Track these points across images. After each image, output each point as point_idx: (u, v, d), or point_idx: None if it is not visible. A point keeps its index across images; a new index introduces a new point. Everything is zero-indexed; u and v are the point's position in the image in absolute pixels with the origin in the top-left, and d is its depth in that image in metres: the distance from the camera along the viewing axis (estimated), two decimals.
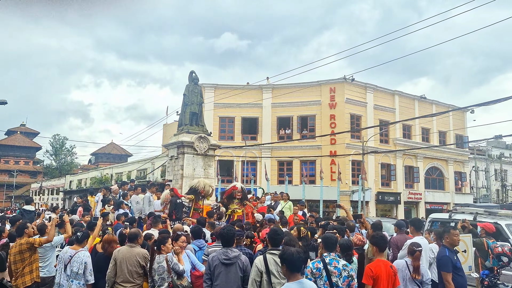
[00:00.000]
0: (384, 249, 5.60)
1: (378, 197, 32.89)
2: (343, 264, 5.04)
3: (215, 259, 5.37)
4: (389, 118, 33.75)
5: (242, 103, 33.12)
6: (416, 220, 7.71)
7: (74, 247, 6.38)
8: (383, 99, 34.62)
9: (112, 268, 5.92)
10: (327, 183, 28.87)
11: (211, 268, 5.34)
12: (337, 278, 4.89)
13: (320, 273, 4.92)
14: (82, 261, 6.16)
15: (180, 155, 15.33)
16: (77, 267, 6.11)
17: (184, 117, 16.28)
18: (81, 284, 6.14)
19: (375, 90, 34.28)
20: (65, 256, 6.32)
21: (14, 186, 68.87)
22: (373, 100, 33.80)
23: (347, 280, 4.94)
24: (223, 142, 29.03)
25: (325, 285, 4.89)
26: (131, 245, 6.09)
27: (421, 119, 32.46)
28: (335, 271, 4.93)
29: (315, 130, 32.52)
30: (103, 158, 73.04)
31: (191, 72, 16.66)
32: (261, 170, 30.84)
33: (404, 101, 35.57)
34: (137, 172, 39.82)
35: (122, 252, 6.00)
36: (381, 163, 33.88)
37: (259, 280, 5.01)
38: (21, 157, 78.59)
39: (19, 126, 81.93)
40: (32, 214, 10.88)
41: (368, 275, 5.23)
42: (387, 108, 34.49)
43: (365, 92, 33.61)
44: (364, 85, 33.62)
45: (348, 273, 4.97)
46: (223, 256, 5.34)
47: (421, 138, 36.55)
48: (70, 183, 55.38)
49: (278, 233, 5.53)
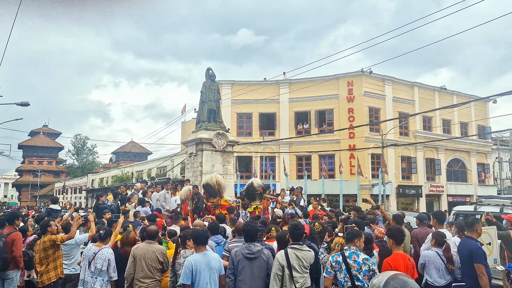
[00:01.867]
0: (401, 242, 5.56)
1: (399, 191, 32.51)
2: (364, 258, 5.03)
3: (238, 254, 5.40)
4: (408, 110, 33.27)
5: (259, 99, 33.11)
6: (439, 212, 7.59)
7: (97, 244, 6.50)
8: (402, 91, 34.12)
9: (131, 264, 6.00)
10: (347, 177, 28.68)
11: (234, 263, 5.36)
12: (356, 272, 4.90)
13: (339, 266, 4.95)
14: (106, 258, 6.26)
15: (198, 152, 15.43)
16: (100, 264, 6.22)
17: (202, 114, 16.36)
18: (105, 280, 6.25)
19: (394, 82, 33.82)
20: (89, 253, 6.44)
21: (39, 186, 70.43)
22: (392, 92, 33.36)
23: (368, 274, 4.93)
24: (241, 138, 29.08)
25: (345, 278, 4.91)
26: (150, 242, 6.18)
27: (441, 111, 31.89)
28: (355, 264, 4.94)
29: (333, 124, 32.29)
30: (124, 157, 74.01)
31: (208, 69, 16.72)
32: (280, 165, 30.82)
33: (423, 93, 35.00)
34: (157, 169, 40.25)
35: (141, 249, 6.08)
36: (401, 156, 33.44)
37: (281, 274, 5.10)
38: (44, 157, 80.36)
39: (42, 127, 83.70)
40: (59, 213, 11.11)
41: (386, 270, 5.18)
42: (406, 100, 33.99)
43: (384, 85, 33.19)
44: (382, 78, 33.20)
45: (369, 267, 4.96)
46: (247, 250, 5.37)
47: (442, 130, 35.93)
48: (92, 182, 56.35)
49: (298, 228, 5.52)
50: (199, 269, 5.09)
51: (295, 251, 5.21)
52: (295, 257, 5.17)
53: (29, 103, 24.58)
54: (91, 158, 78.22)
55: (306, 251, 5.34)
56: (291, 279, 5.07)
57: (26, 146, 77.70)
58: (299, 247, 5.31)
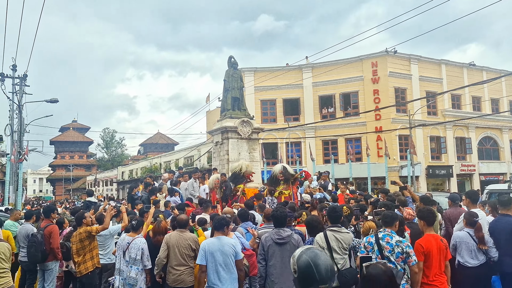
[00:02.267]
0: (432, 223, 5.48)
1: (429, 171, 31.93)
2: (397, 240, 5.01)
3: (268, 239, 5.45)
4: (436, 89, 32.44)
5: (282, 85, 32.93)
6: (472, 192, 7.41)
7: (130, 234, 6.65)
8: (429, 70, 33.26)
9: (163, 252, 6.14)
10: (374, 159, 28.35)
11: (265, 248, 5.42)
12: (389, 254, 4.91)
13: (371, 247, 5.00)
14: (139, 247, 6.42)
15: (224, 141, 15.52)
16: (134, 253, 6.38)
17: (226, 103, 16.41)
18: (139, 269, 6.41)
19: (420, 61, 32.99)
20: (123, 243, 6.61)
21: (71, 180, 72.50)
22: (418, 71, 32.57)
23: (401, 257, 4.90)
24: (266, 125, 29.05)
25: (376, 259, 4.90)
26: (181, 230, 6.30)
27: (471, 88, 30.87)
28: (387, 246, 4.95)
29: (359, 106, 31.88)
30: (151, 148, 75.20)
31: (230, 57, 16.71)
32: (306, 150, 30.71)
33: (451, 70, 34.03)
34: (184, 159, 40.73)
35: (174, 238, 6.20)
36: (430, 136, 32.77)
37: None
38: (75, 151, 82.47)
39: (71, 123, 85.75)
40: (96, 205, 11.45)
41: (419, 251, 5.13)
42: (433, 79, 33.12)
43: (409, 64, 32.44)
44: (408, 57, 32.43)
45: (402, 250, 4.93)
46: (276, 236, 5.41)
47: (472, 107, 34.95)
48: (122, 174, 57.59)
49: (336, 211, 5.64)
50: (211, 252, 5.26)
51: (334, 233, 5.34)
52: (335, 239, 5.30)
53: (58, 100, 25.20)
54: (120, 151, 79.92)
55: (345, 233, 5.44)
56: (332, 260, 5.19)
57: (57, 142, 79.86)
58: (337, 229, 5.42)
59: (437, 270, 5.11)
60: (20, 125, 24.53)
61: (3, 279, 5.93)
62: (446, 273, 5.22)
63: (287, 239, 5.38)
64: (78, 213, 7.42)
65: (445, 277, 5.18)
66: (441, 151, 33.11)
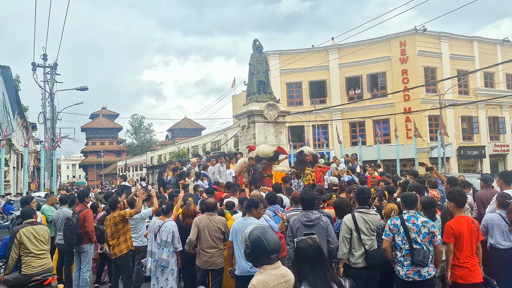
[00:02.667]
0: (462, 205, 5.39)
1: (460, 152, 31.17)
2: (423, 221, 4.98)
3: (297, 221, 5.49)
4: (468, 67, 31.35)
5: (308, 67, 32.58)
6: (505, 173, 7.20)
7: (161, 217, 6.83)
8: (460, 48, 32.17)
9: (194, 234, 6.28)
10: (403, 141, 27.89)
11: (293, 230, 5.46)
12: (415, 235, 4.89)
13: (397, 229, 4.97)
14: (170, 230, 6.59)
15: (251, 124, 15.57)
16: (165, 236, 6.55)
17: (252, 87, 16.40)
18: (170, 251, 6.59)
19: (451, 38, 31.93)
20: (154, 226, 6.79)
21: (103, 165, 74.43)
22: (449, 49, 31.55)
23: (428, 237, 4.90)
24: (292, 108, 28.93)
25: (403, 241, 4.93)
26: (210, 213, 6.42)
27: (505, 65, 29.65)
28: (414, 227, 4.92)
29: (387, 87, 31.25)
30: (179, 133, 76.10)
31: (255, 40, 16.63)
32: (333, 133, 30.42)
33: (484, 47, 32.79)
34: (211, 144, 41.11)
35: (204, 221, 6.33)
36: (462, 116, 31.88)
37: (349, 237, 5.29)
38: (105, 138, 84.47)
39: (101, 110, 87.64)
40: (130, 189, 11.77)
41: (449, 233, 5.07)
42: (465, 57, 32.03)
43: (439, 42, 31.42)
44: (438, 35, 31.42)
45: (428, 230, 4.91)
46: (305, 218, 5.44)
47: (506, 85, 33.66)
48: (151, 159, 58.70)
49: (365, 192, 5.68)
50: (237, 231, 5.62)
51: (362, 214, 5.39)
52: (362, 220, 5.34)
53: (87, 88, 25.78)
54: (148, 137, 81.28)
55: (372, 215, 5.47)
56: (360, 241, 5.27)
57: (88, 129, 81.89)
58: (366, 210, 5.46)
59: (469, 252, 5.04)
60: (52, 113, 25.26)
61: (44, 260, 6.21)
62: (477, 254, 5.14)
63: (315, 221, 5.40)
64: (112, 198, 7.65)
65: (476, 259, 5.11)
66: (473, 131, 32.21)
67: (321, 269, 2.77)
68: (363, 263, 5.24)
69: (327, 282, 2.74)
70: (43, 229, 6.36)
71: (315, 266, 2.77)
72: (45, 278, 6.09)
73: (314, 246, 2.87)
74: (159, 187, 12.44)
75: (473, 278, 5.00)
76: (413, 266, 4.85)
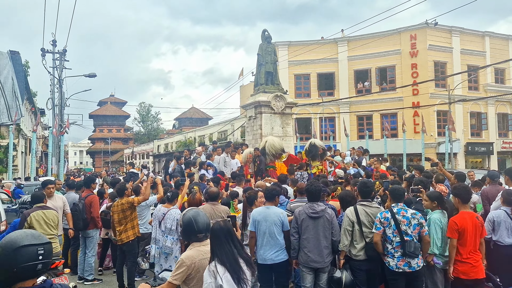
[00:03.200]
0: (467, 201, 5.39)
1: (468, 148, 30.97)
2: (412, 213, 5.08)
3: (302, 213, 5.50)
4: (478, 62, 31.04)
5: (316, 59, 32.38)
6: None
7: (166, 205, 6.87)
8: (472, 43, 31.79)
9: None
10: (410, 136, 27.76)
11: (298, 222, 5.48)
12: (406, 227, 4.97)
13: (388, 222, 5.03)
14: (174, 218, 6.62)
15: (257, 115, 15.55)
16: (170, 224, 6.59)
17: (260, 77, 16.36)
18: (174, 239, 6.63)
19: (462, 33, 31.55)
20: (158, 213, 6.84)
21: (110, 152, 74.85)
22: (460, 44, 31.20)
23: (418, 228, 4.98)
24: (299, 99, 28.80)
25: (394, 233, 5.00)
26: (213, 203, 6.46)
27: None
28: (404, 219, 4.99)
29: (395, 81, 31.03)
30: (186, 122, 76.17)
31: (264, 30, 16.54)
32: (340, 126, 30.33)
33: (496, 43, 32.39)
34: (218, 134, 41.15)
35: (207, 210, 6.34)
36: (470, 112, 31.63)
37: (350, 229, 5.33)
38: (113, 125, 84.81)
39: (109, 97, 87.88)
40: (138, 176, 11.86)
41: (452, 229, 5.07)
42: (476, 52, 31.67)
43: (451, 37, 31.09)
44: (449, 29, 31.07)
45: (418, 221, 5.00)
46: (310, 210, 5.45)
47: None
48: (158, 147, 58.91)
49: (367, 185, 5.71)
50: (258, 220, 5.65)
51: (364, 207, 5.41)
52: (365, 213, 5.36)
53: (96, 74, 25.87)
54: (155, 125, 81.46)
55: (375, 208, 5.49)
56: (361, 234, 5.30)
57: (96, 116, 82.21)
58: (368, 203, 5.48)
59: (472, 248, 5.04)
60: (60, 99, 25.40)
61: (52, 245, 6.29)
62: (481, 250, 5.15)
63: (321, 213, 5.42)
64: (120, 185, 7.68)
65: (480, 254, 5.10)
66: (482, 127, 31.94)
67: (229, 247, 3.15)
68: (364, 256, 5.28)
69: (234, 258, 3.11)
70: (52, 214, 6.45)
71: (224, 245, 3.15)
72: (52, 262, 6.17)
73: (225, 228, 3.22)
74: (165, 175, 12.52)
75: (475, 273, 5.00)
76: (404, 257, 4.92)
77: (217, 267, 3.06)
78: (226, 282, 2.99)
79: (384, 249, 5.07)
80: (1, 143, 22.51)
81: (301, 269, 5.51)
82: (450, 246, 5.11)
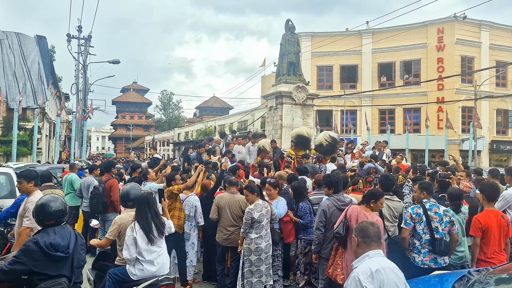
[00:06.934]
0: (493, 199, 5.20)
1: (493, 146, 30.22)
2: (444, 209, 4.93)
3: (331, 205, 5.27)
4: (508, 58, 30.07)
5: (340, 51, 31.95)
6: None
7: (184, 192, 6.88)
8: (502, 37, 30.81)
9: (214, 211, 6.33)
10: (434, 131, 27.23)
11: (327, 215, 5.22)
12: (437, 224, 4.82)
13: (419, 218, 4.88)
14: (193, 204, 6.64)
15: (278, 106, 15.44)
16: (188, 210, 6.61)
17: (282, 67, 16.22)
18: (192, 225, 6.67)
19: (492, 27, 30.61)
20: None
21: (131, 139, 75.79)
22: (489, 39, 30.30)
23: (448, 226, 4.85)
24: (321, 91, 28.51)
25: (424, 230, 4.86)
26: (232, 191, 6.42)
27: None
28: (436, 216, 4.86)
29: (420, 75, 30.41)
30: (207, 111, 76.42)
31: (287, 20, 16.37)
32: (361, 119, 29.96)
33: None
34: (238, 123, 41.15)
35: (225, 199, 6.33)
36: (497, 109, 30.80)
37: None
38: (135, 112, 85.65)
39: (132, 84, 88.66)
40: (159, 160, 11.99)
41: (476, 227, 4.90)
42: (506, 47, 30.71)
43: (479, 31, 30.20)
44: (479, 23, 30.17)
45: (449, 219, 4.86)
46: (339, 202, 5.28)
47: None
48: (178, 135, 59.34)
49: (389, 179, 5.65)
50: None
51: (386, 201, 5.28)
52: (386, 206, 5.28)
53: (119, 61, 26.09)
54: (176, 113, 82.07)
55: (396, 202, 5.39)
56: (383, 228, 5.14)
57: (118, 102, 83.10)
58: (390, 197, 5.40)
59: (496, 248, 4.87)
60: (85, 85, 25.76)
61: None
62: (506, 250, 4.97)
63: (350, 204, 5.30)
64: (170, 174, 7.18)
65: (505, 255, 4.93)
66: (508, 125, 31.10)
67: (145, 212, 4.38)
68: (386, 249, 5.14)
69: (147, 220, 4.33)
70: (59, 193, 6.52)
71: (144, 211, 4.39)
72: None
73: (145, 198, 4.49)
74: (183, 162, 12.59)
75: None
76: (430, 253, 4.81)
77: (135, 224, 4.33)
78: (140, 235, 4.26)
79: (411, 245, 4.92)
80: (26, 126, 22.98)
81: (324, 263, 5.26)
82: (473, 245, 4.96)
